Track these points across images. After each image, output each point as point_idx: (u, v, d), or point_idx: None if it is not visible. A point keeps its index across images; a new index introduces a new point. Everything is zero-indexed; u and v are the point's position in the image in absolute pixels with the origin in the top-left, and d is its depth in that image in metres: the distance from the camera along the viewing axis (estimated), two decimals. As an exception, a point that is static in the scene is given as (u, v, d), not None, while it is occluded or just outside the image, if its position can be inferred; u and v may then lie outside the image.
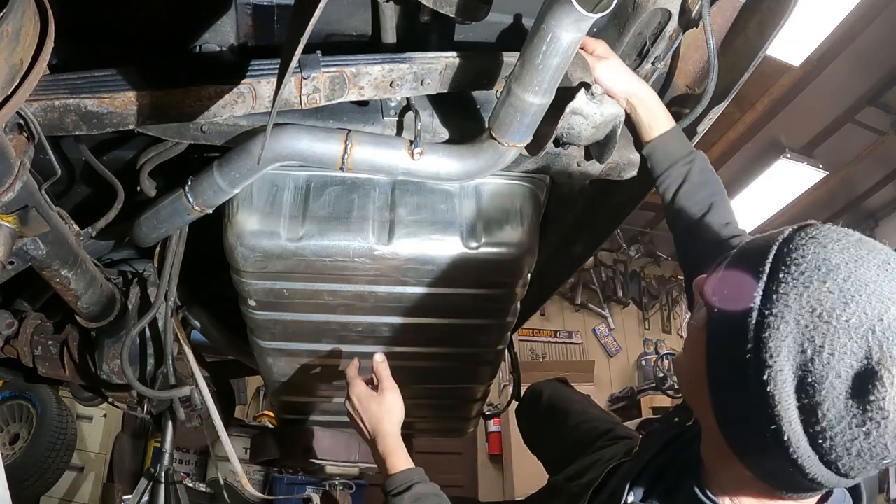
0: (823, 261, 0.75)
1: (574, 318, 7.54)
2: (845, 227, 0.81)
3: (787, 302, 0.75)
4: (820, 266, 0.75)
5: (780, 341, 0.74)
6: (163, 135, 1.30)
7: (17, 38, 0.86)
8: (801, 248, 0.78)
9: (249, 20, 1.24)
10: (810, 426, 0.73)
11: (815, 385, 0.72)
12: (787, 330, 0.74)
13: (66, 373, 1.74)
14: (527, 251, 1.43)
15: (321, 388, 1.94)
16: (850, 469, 0.74)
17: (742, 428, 0.81)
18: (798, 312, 0.74)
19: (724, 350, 0.82)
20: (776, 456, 0.77)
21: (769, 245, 0.81)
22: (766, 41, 1.25)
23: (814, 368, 0.72)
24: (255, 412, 5.84)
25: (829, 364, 0.71)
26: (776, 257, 0.79)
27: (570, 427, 1.82)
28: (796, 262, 0.76)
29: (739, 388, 0.78)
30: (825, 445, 0.73)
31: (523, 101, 1.11)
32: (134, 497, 2.49)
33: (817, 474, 0.76)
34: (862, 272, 0.74)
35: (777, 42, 1.26)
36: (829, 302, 0.73)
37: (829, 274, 0.74)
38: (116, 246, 1.66)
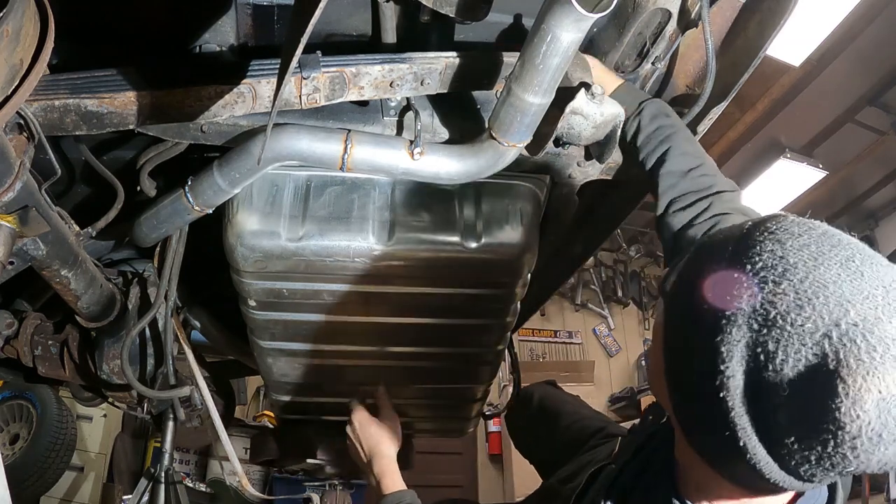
0: (780, 259, 0.69)
1: (574, 318, 7.54)
2: (813, 220, 0.75)
3: (739, 304, 0.70)
4: (776, 265, 0.69)
5: (731, 346, 0.70)
6: (163, 135, 1.30)
7: (17, 38, 0.86)
8: (757, 244, 0.72)
9: (249, 20, 1.24)
10: (764, 432, 0.70)
11: (767, 391, 0.68)
12: (740, 334, 0.69)
13: (66, 373, 1.74)
14: (527, 251, 1.43)
15: (321, 389, 1.94)
16: (813, 476, 0.70)
17: (700, 431, 0.78)
18: (751, 315, 0.69)
19: (678, 352, 0.78)
20: (737, 460, 0.73)
21: (727, 241, 0.76)
22: (766, 41, 1.25)
23: (766, 375, 0.67)
24: (255, 412, 5.84)
25: (782, 371, 0.66)
26: (732, 255, 0.73)
27: (562, 427, 1.81)
28: (752, 260, 0.71)
29: (694, 392, 0.76)
30: (782, 452, 0.69)
31: (523, 101, 1.11)
32: (134, 497, 2.49)
33: (779, 480, 0.72)
34: (821, 272, 0.67)
35: (777, 42, 1.26)
36: (783, 305, 0.67)
37: (784, 274, 0.68)
38: (116, 246, 1.66)
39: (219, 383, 2.43)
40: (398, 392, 1.95)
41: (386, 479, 1.44)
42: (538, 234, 1.49)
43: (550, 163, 1.45)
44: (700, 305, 0.73)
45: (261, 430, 3.24)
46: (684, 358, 0.77)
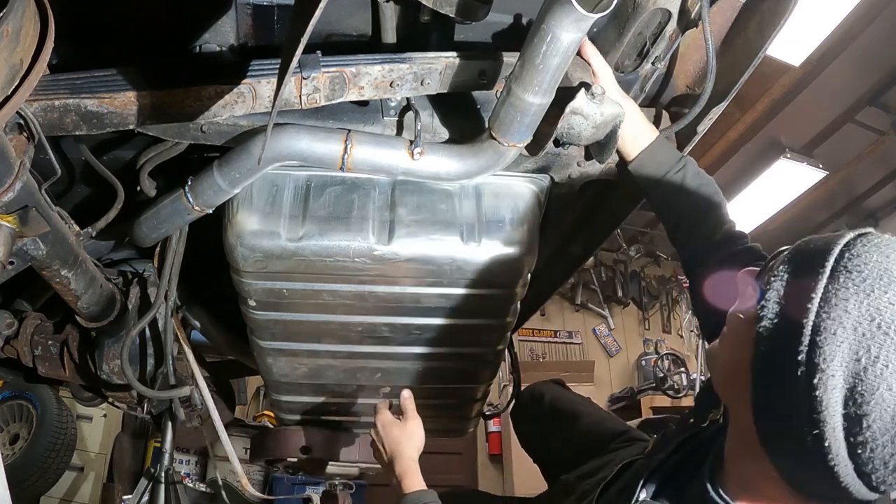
0: (885, 270, 0.75)
1: (574, 318, 7.54)
2: None
3: (846, 307, 0.74)
4: (882, 275, 0.75)
5: (835, 346, 0.74)
6: (163, 135, 1.30)
7: (17, 38, 0.86)
8: (863, 254, 0.77)
9: (249, 20, 1.24)
10: (853, 435, 0.73)
11: (864, 395, 0.72)
12: (844, 336, 0.74)
13: (66, 373, 1.74)
14: (527, 251, 1.43)
15: (321, 389, 1.94)
16: (882, 483, 0.75)
17: (781, 427, 0.81)
18: (857, 320, 0.74)
19: (774, 348, 0.81)
20: (811, 460, 0.76)
21: (829, 247, 0.80)
22: (766, 41, 1.25)
23: (866, 378, 0.72)
24: (255, 412, 5.84)
25: (881, 375, 0.71)
26: (837, 260, 0.78)
27: (581, 428, 1.83)
28: (858, 268, 0.76)
29: (786, 388, 0.78)
30: (864, 456, 0.73)
31: (523, 101, 1.11)
32: (134, 497, 2.49)
33: (849, 484, 0.76)
34: None
35: (777, 42, 1.26)
36: (888, 313, 0.73)
37: (891, 285, 0.74)
38: (116, 246, 1.66)
39: (219, 383, 2.43)
40: (398, 392, 1.95)
41: (407, 480, 1.46)
42: (538, 234, 1.49)
43: (550, 163, 1.45)
44: (804, 304, 0.77)
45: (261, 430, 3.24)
46: (780, 354, 0.79)
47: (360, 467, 2.37)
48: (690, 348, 6.63)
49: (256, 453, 2.41)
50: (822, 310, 0.76)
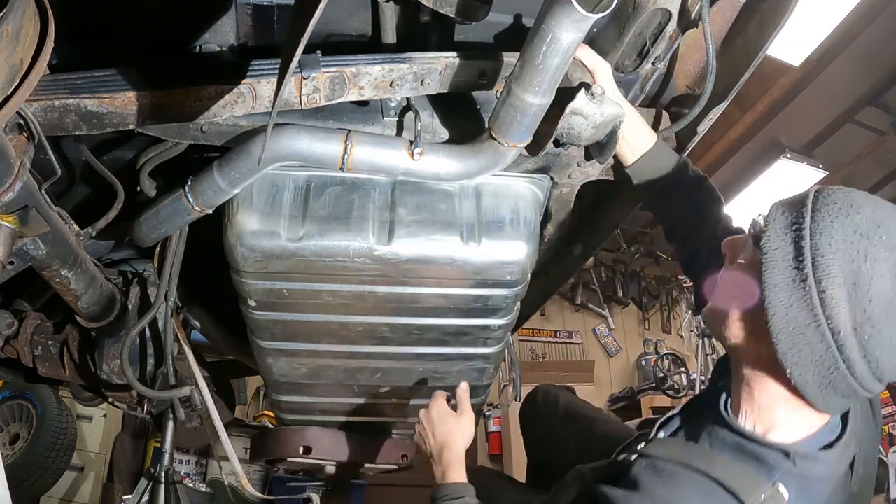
0: (852, 201, 0.98)
1: (574, 318, 7.54)
2: None
3: (833, 227, 0.96)
4: (851, 203, 0.98)
5: (832, 256, 0.95)
6: (163, 135, 1.30)
7: (17, 38, 0.86)
8: (832, 193, 1.01)
9: (249, 20, 1.24)
10: (858, 322, 0.94)
11: (862, 285, 0.93)
12: (837, 247, 0.95)
13: (66, 373, 1.74)
14: (526, 251, 1.43)
15: (321, 389, 1.94)
16: (884, 371, 0.96)
17: (797, 336, 0.98)
18: (843, 234, 0.96)
19: (783, 270, 0.99)
20: (825, 356, 0.97)
21: (804, 195, 1.03)
22: (766, 41, 1.25)
23: (861, 272, 0.93)
24: (255, 412, 5.84)
25: (873, 269, 0.93)
26: (814, 201, 1.01)
27: (599, 432, 1.85)
28: (832, 201, 0.99)
29: (798, 300, 0.97)
30: (868, 336, 0.94)
31: (523, 102, 1.11)
32: (134, 497, 2.49)
33: (858, 370, 0.96)
34: (880, 211, 0.98)
35: (777, 42, 1.26)
36: (864, 225, 0.95)
37: (858, 209, 0.97)
38: (116, 246, 1.66)
39: (219, 383, 2.43)
40: (398, 392, 1.95)
41: (451, 471, 1.50)
42: (538, 235, 1.49)
43: (550, 163, 1.45)
44: (799, 233, 0.99)
45: (261, 430, 3.24)
46: (788, 274, 0.99)
47: (360, 467, 2.37)
48: (690, 348, 6.63)
49: (256, 453, 2.41)
50: (815, 232, 0.97)
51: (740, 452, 1.09)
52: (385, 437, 2.27)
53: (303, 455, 2.18)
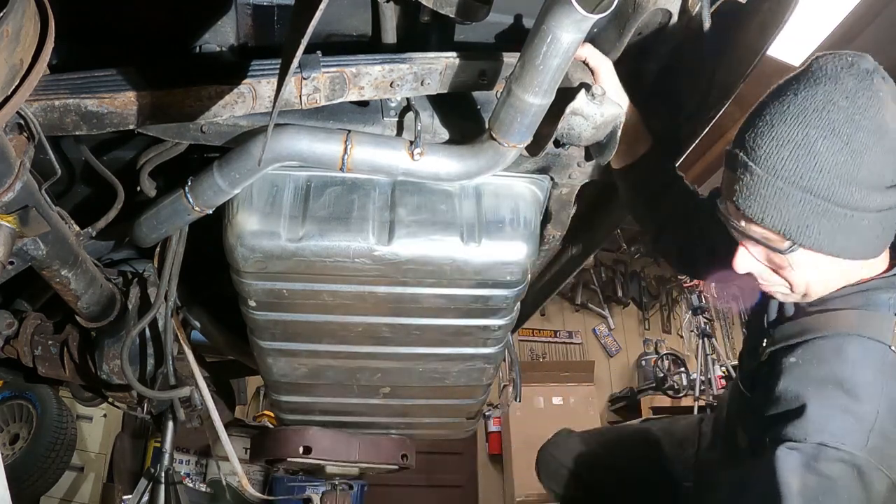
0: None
1: (574, 318, 7.54)
2: None
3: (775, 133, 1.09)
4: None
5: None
6: (163, 135, 1.30)
7: (17, 38, 0.86)
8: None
9: (249, 20, 1.24)
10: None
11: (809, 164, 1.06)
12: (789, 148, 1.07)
13: (66, 373, 1.74)
14: (526, 252, 1.43)
15: (321, 389, 1.94)
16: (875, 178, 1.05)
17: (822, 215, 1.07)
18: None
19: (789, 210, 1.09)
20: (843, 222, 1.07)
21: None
22: (766, 41, 1.25)
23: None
24: (255, 412, 5.84)
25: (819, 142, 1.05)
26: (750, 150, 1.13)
27: (648, 435, 1.96)
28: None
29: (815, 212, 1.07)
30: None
31: (523, 102, 1.11)
32: (134, 497, 2.49)
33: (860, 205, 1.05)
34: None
35: (777, 42, 1.26)
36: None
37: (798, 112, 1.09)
38: (116, 246, 1.66)
39: (219, 383, 2.43)
40: (398, 392, 1.95)
41: None
42: (538, 235, 1.48)
43: (550, 163, 1.45)
44: None
45: (261, 430, 3.24)
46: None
47: (360, 467, 2.37)
48: (690, 348, 6.62)
49: (256, 453, 2.41)
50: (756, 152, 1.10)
51: (852, 307, 1.17)
52: (385, 437, 2.27)
53: (303, 455, 2.18)
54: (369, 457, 2.24)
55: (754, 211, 1.11)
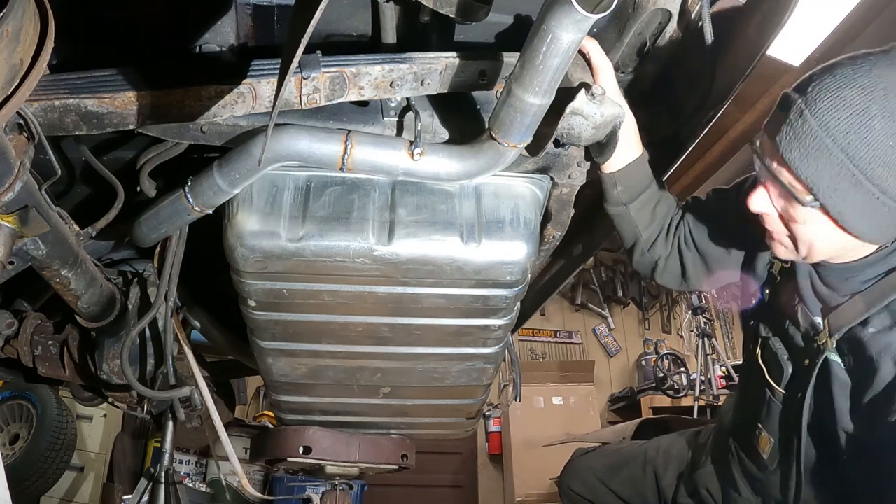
0: (840, 81, 1.11)
1: (574, 318, 7.54)
2: None
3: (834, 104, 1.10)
4: (840, 83, 1.11)
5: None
6: (163, 135, 1.30)
7: (17, 38, 0.86)
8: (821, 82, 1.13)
9: (249, 20, 1.24)
10: None
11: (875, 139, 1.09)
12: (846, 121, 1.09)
13: (66, 373, 1.74)
14: (526, 252, 1.43)
15: (321, 389, 1.94)
16: None
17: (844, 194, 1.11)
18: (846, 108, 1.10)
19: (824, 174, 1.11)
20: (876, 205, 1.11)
21: (795, 96, 1.15)
22: (766, 41, 1.25)
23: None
24: (255, 412, 5.84)
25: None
26: (807, 99, 1.12)
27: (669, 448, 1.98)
28: (824, 87, 1.11)
29: (844, 180, 1.10)
30: None
31: (523, 102, 1.11)
32: (134, 497, 2.49)
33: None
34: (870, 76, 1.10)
35: (777, 42, 1.26)
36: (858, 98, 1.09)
37: (849, 83, 1.10)
38: (116, 246, 1.66)
39: (219, 383, 2.43)
40: (398, 392, 1.95)
41: None
42: (538, 235, 1.49)
43: (550, 163, 1.45)
44: None
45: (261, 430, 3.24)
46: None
47: (360, 467, 2.37)
48: (690, 348, 6.63)
49: (256, 453, 2.41)
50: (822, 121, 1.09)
51: None
52: (385, 437, 2.27)
53: (303, 455, 2.18)
54: (369, 457, 2.24)
55: (793, 156, 1.12)
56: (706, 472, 1.78)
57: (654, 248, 1.56)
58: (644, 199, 1.48)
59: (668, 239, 1.55)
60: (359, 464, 2.28)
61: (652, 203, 1.50)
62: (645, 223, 1.52)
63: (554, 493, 5.79)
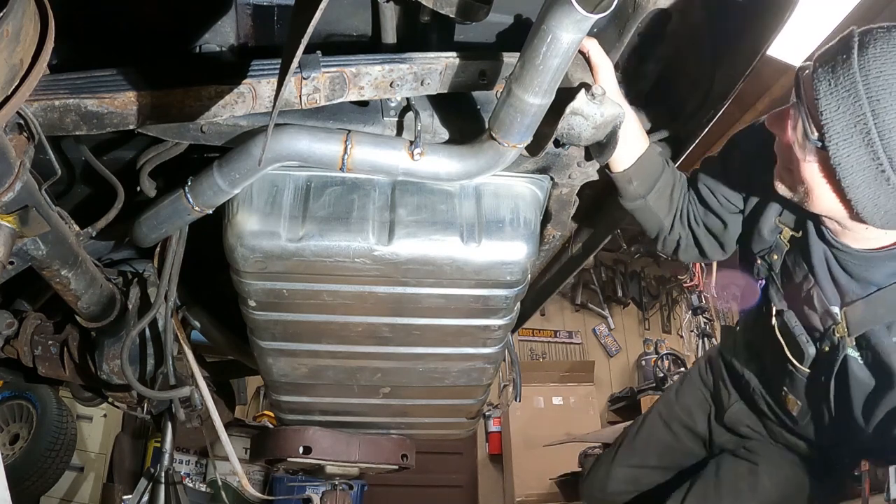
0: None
1: (574, 318, 7.55)
2: None
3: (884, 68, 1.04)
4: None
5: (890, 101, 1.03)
6: (163, 135, 1.30)
7: (17, 38, 0.86)
8: (876, 36, 1.09)
9: (249, 20, 1.24)
10: None
11: None
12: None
13: (66, 373, 1.74)
14: (526, 252, 1.43)
15: (321, 389, 1.94)
16: None
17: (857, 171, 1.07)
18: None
19: (847, 137, 1.06)
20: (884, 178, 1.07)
21: (846, 44, 1.11)
22: (766, 41, 1.25)
23: None
24: (255, 412, 5.85)
25: None
26: (859, 48, 1.09)
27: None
28: (875, 38, 1.09)
29: (864, 155, 1.06)
30: None
31: (523, 102, 1.11)
32: (134, 497, 2.49)
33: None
34: None
35: (777, 42, 1.26)
36: None
37: None
38: (116, 246, 1.66)
39: (219, 383, 2.43)
40: (398, 392, 1.95)
41: None
42: (538, 235, 1.48)
43: (550, 163, 1.45)
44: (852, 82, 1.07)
45: (261, 430, 3.24)
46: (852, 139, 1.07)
47: (360, 467, 2.37)
48: (690, 348, 6.63)
49: (256, 453, 2.41)
50: (868, 84, 1.03)
51: None
52: (385, 437, 2.27)
53: (303, 455, 2.18)
54: (369, 457, 2.24)
55: (820, 86, 1.09)
56: (739, 411, 1.75)
57: (673, 231, 1.56)
58: (660, 188, 1.47)
59: (682, 220, 1.55)
60: (359, 464, 2.28)
61: (668, 189, 1.50)
62: (665, 210, 1.52)
63: (554, 493, 5.81)
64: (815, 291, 1.34)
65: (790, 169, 1.21)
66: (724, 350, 1.84)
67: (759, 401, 1.66)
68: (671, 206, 1.52)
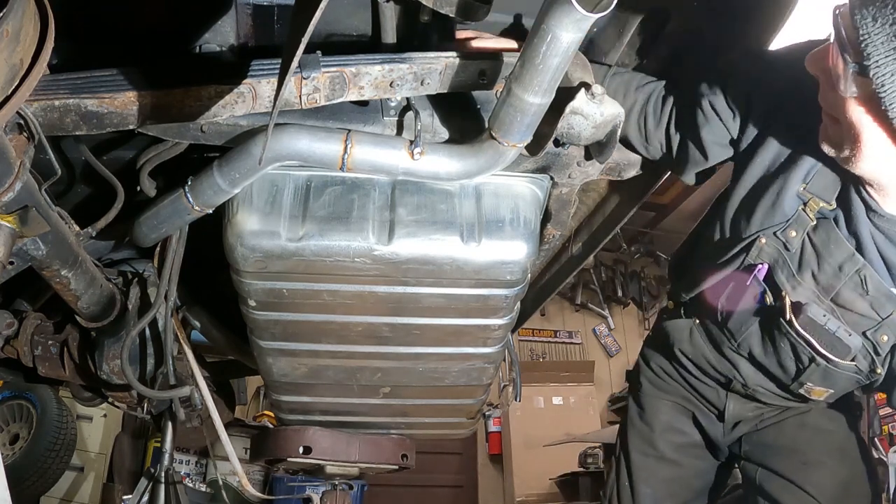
0: None
1: (574, 318, 7.55)
2: None
3: None
4: None
5: None
6: (163, 135, 1.30)
7: (17, 38, 0.87)
8: None
9: (250, 20, 1.24)
10: None
11: None
12: None
13: (66, 373, 1.74)
14: (526, 251, 1.43)
15: (321, 389, 1.94)
16: None
17: None
18: None
19: None
20: None
21: None
22: (766, 42, 1.26)
23: None
24: (255, 412, 5.85)
25: None
26: None
27: None
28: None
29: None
30: None
31: (523, 101, 1.11)
32: (134, 497, 2.49)
33: None
34: None
35: (777, 42, 1.26)
36: None
37: None
38: (116, 246, 1.66)
39: (219, 383, 2.43)
40: (398, 392, 1.95)
41: None
42: (538, 235, 1.49)
43: (550, 163, 1.45)
44: None
45: (261, 430, 3.24)
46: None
47: (360, 467, 2.37)
48: (690, 348, 6.63)
49: (256, 453, 2.41)
50: None
51: None
52: (385, 437, 2.27)
53: (303, 455, 2.18)
54: (369, 457, 2.24)
55: (856, 6, 1.01)
56: (736, 405, 1.58)
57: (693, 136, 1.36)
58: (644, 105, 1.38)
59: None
60: (359, 464, 2.28)
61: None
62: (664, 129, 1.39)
63: (554, 493, 5.81)
64: (866, 273, 1.19)
65: (835, 118, 1.11)
66: (679, 343, 1.59)
67: (755, 392, 1.50)
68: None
